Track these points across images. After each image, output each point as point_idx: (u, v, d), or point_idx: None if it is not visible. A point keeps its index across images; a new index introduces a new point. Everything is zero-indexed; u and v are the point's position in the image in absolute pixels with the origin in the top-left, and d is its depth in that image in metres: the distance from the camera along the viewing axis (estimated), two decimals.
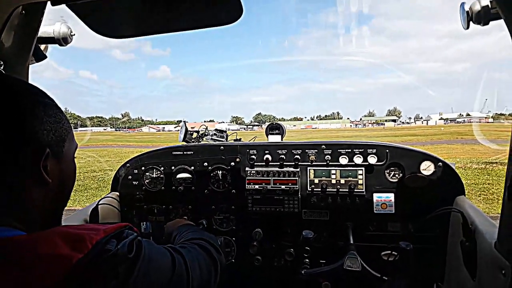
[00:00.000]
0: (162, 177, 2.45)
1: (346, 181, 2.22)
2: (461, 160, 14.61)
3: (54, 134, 0.87)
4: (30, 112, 0.83)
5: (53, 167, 0.87)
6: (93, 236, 0.78)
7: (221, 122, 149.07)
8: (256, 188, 2.30)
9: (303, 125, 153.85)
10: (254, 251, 2.23)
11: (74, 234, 0.77)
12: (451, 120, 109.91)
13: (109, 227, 0.84)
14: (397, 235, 2.12)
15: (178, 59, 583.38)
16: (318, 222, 2.26)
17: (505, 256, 1.17)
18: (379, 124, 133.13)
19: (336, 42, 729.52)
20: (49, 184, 0.86)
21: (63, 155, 0.91)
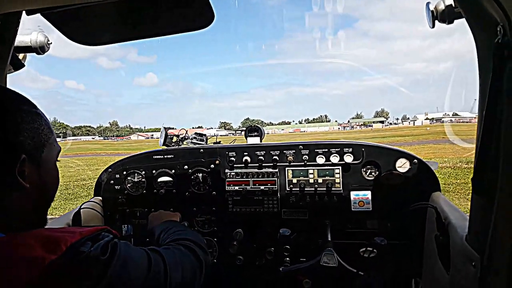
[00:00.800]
0: (144, 181, 2.46)
1: (323, 180, 2.26)
2: (450, 160, 14.81)
3: (32, 140, 0.87)
4: (7, 118, 0.84)
5: (31, 172, 0.87)
6: (68, 239, 0.79)
7: (209, 128, 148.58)
8: (236, 189, 2.34)
9: (291, 129, 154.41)
10: (235, 250, 2.25)
11: (49, 236, 0.79)
12: (436, 119, 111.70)
13: (86, 230, 0.85)
14: (375, 232, 2.17)
15: (165, 66, 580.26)
16: (297, 221, 2.30)
17: (475, 248, 1.20)
18: (367, 125, 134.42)
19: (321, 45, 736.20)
20: (27, 189, 0.86)
21: (42, 160, 0.91)
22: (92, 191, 2.56)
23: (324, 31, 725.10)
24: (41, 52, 1.55)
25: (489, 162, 1.07)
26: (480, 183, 1.11)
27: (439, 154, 17.76)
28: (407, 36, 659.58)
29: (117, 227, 2.45)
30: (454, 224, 1.51)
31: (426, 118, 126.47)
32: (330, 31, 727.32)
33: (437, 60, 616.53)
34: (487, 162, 1.07)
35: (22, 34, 1.48)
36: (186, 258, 1.21)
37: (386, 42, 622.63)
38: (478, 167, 1.10)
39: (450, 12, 1.31)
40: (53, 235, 0.80)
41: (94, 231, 0.87)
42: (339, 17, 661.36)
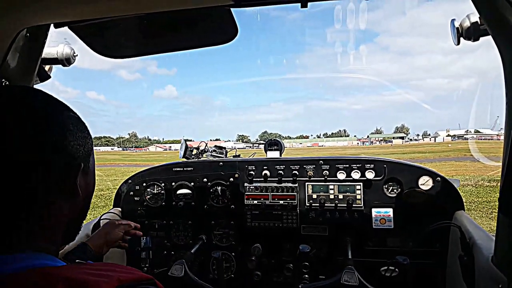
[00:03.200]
0: (163, 193, 2.48)
1: (344, 196, 2.23)
2: (471, 178, 14.38)
3: (84, 148, 0.86)
4: (64, 127, 0.82)
5: (81, 180, 0.86)
6: (103, 285, 0.67)
7: (227, 141, 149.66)
8: (255, 203, 2.32)
9: (309, 143, 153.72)
10: (253, 266, 2.22)
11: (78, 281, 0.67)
12: (458, 136, 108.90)
13: (126, 276, 0.74)
14: (396, 250, 2.11)
15: (184, 79, 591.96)
16: (317, 237, 2.26)
17: (501, 269, 1.16)
18: (386, 141, 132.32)
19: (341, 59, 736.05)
20: (79, 197, 0.84)
21: (89, 169, 0.90)
22: (110, 201, 2.60)
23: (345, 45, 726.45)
24: (67, 64, 1.58)
25: None
26: (508, 202, 1.08)
27: (461, 171, 17.26)
28: (428, 51, 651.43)
29: (135, 239, 2.46)
30: (479, 244, 1.47)
31: (447, 135, 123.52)
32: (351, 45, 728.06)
33: (460, 76, 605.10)
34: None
35: (49, 47, 1.52)
36: None
37: (407, 57, 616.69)
38: (505, 185, 1.07)
39: (475, 29, 1.30)
40: (86, 279, 0.67)
41: (136, 279, 0.76)
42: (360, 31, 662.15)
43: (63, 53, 1.55)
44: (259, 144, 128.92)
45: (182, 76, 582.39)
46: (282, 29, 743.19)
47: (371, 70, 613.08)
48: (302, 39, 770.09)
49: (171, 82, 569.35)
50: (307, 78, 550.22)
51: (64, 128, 0.81)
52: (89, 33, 1.39)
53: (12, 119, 0.75)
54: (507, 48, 1.08)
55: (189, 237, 2.45)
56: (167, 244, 2.47)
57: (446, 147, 51.53)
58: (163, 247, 2.47)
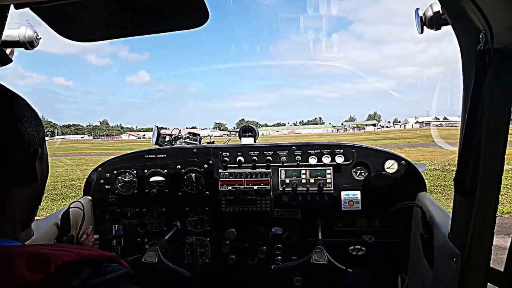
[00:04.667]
0: (135, 180, 2.47)
1: (315, 180, 2.31)
2: (439, 163, 15.03)
3: (39, 135, 0.88)
4: (20, 115, 0.83)
5: (39, 166, 0.87)
6: (62, 258, 0.69)
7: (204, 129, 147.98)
8: (229, 189, 2.36)
9: (286, 130, 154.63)
10: (228, 250, 2.28)
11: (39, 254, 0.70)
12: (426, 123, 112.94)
13: (88, 252, 0.76)
14: (364, 230, 2.22)
15: (157, 64, 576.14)
16: (289, 221, 2.34)
17: (456, 245, 1.26)
18: (359, 128, 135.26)
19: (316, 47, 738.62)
20: (37, 182, 0.86)
21: (44, 155, 0.92)
22: (81, 191, 2.55)
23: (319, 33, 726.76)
24: (30, 47, 1.52)
25: (471, 163, 1.12)
26: (462, 183, 1.16)
27: (428, 156, 17.99)
28: (400, 40, 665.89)
29: (107, 227, 2.46)
30: (438, 222, 1.57)
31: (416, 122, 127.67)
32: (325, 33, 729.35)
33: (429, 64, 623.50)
34: (468, 163, 1.12)
35: (10, 29, 1.45)
36: None
37: (380, 45, 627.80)
38: (460, 167, 1.15)
39: (437, 18, 1.36)
40: (46, 253, 0.70)
41: (98, 256, 0.77)
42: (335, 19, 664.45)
43: (25, 35, 1.48)
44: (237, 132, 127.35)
45: (155, 62, 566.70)
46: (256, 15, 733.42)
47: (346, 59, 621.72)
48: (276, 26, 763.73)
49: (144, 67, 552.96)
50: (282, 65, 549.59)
51: (19, 116, 0.83)
52: (52, 15, 1.33)
53: None
54: (465, 37, 1.15)
55: (163, 224, 2.47)
56: (140, 232, 2.47)
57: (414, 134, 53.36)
58: (136, 234, 2.47)
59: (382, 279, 2.15)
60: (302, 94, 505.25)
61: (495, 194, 1.11)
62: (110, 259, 0.78)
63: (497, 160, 1.08)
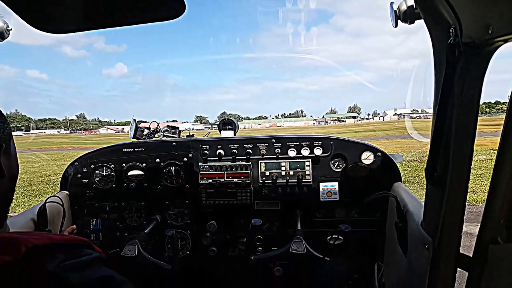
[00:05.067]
0: (113, 174, 2.43)
1: (294, 172, 2.34)
2: (417, 154, 15.48)
3: (3, 132, 0.89)
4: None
5: (5, 162, 0.88)
6: (33, 241, 0.71)
7: (184, 122, 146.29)
8: (210, 182, 2.36)
9: (268, 123, 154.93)
10: (208, 242, 2.28)
11: (9, 237, 0.73)
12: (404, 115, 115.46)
13: (59, 237, 0.78)
14: (341, 220, 2.27)
15: (135, 56, 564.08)
16: (269, 212, 2.37)
17: (428, 233, 1.31)
18: (340, 121, 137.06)
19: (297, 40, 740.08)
20: (4, 178, 0.86)
21: (10, 151, 0.92)
22: (58, 187, 2.49)
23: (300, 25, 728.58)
24: (0, 38, 1.47)
25: (441, 155, 1.16)
26: (433, 174, 1.21)
27: (407, 148, 18.46)
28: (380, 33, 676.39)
29: (85, 221, 2.42)
30: (412, 211, 1.62)
31: (394, 114, 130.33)
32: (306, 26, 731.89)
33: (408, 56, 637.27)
34: (439, 155, 1.17)
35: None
36: None
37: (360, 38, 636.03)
38: (431, 158, 1.20)
39: (411, 12, 1.39)
40: (17, 237, 0.73)
41: (69, 240, 0.79)
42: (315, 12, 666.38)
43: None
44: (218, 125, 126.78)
45: (133, 53, 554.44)
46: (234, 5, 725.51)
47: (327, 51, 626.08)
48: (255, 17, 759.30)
49: (121, 59, 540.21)
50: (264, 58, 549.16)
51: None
52: (23, 5, 1.29)
53: None
54: (436, 31, 1.18)
55: (143, 218, 2.45)
56: (119, 226, 2.44)
57: (393, 125, 54.53)
58: (116, 228, 2.44)
59: (359, 267, 2.22)
60: (284, 86, 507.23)
61: (465, 184, 1.16)
62: (82, 243, 0.79)
63: (466, 151, 1.12)
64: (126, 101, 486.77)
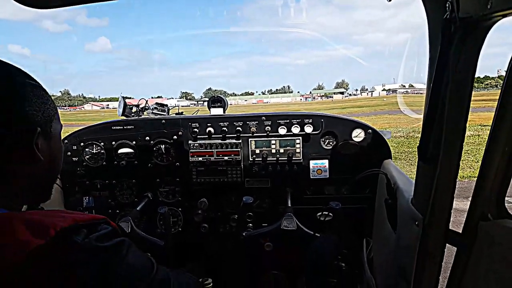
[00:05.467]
0: (103, 152, 2.41)
1: (285, 150, 2.35)
2: (404, 130, 15.68)
3: (42, 114, 0.89)
4: (20, 93, 0.85)
5: (43, 145, 0.89)
6: (58, 223, 0.76)
7: (170, 98, 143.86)
8: (200, 160, 2.36)
9: (254, 99, 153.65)
10: (200, 219, 2.31)
11: (38, 220, 0.76)
12: (393, 91, 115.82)
13: (81, 217, 0.82)
14: (331, 197, 2.31)
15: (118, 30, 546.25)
16: (260, 190, 2.39)
17: (418, 209, 1.34)
18: (327, 97, 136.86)
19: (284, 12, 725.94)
20: (41, 161, 0.87)
21: (51, 134, 0.93)
22: None
23: None
24: None
25: (434, 132, 1.18)
26: (425, 151, 1.23)
27: (394, 124, 18.68)
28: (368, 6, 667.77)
29: (77, 199, 2.41)
30: (402, 188, 1.64)
31: (383, 89, 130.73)
32: None
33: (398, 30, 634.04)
34: (432, 132, 1.18)
35: None
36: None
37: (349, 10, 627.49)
38: (424, 136, 1.21)
39: None
40: (42, 219, 0.77)
41: (90, 219, 0.84)
42: None
43: None
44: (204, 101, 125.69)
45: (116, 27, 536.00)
46: None
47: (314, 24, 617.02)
48: None
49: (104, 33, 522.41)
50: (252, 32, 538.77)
51: (21, 95, 0.85)
52: None
53: None
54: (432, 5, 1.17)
55: (134, 195, 2.45)
56: (111, 203, 2.44)
57: (381, 101, 54.85)
58: (108, 206, 2.45)
59: (349, 243, 2.29)
60: (271, 61, 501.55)
61: (457, 161, 1.18)
62: (101, 220, 0.86)
63: (459, 128, 1.14)
64: (110, 77, 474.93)
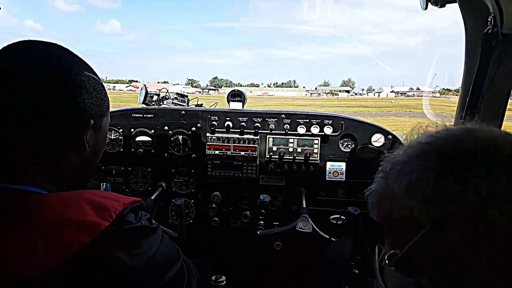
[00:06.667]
0: (121, 139, 2.41)
1: (302, 149, 2.34)
2: None
3: (98, 108, 0.94)
4: (84, 86, 0.89)
5: (91, 137, 0.94)
6: (116, 206, 0.84)
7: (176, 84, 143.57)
8: (216, 153, 2.35)
9: (259, 91, 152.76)
10: (214, 213, 2.32)
11: (99, 202, 0.83)
12: (401, 93, 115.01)
13: (126, 199, 0.89)
14: (346, 200, 2.31)
15: (130, 13, 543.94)
16: (274, 187, 2.39)
17: None
18: (333, 94, 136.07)
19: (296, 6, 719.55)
20: (86, 152, 0.93)
21: (100, 128, 0.99)
22: None
23: None
24: None
25: None
26: None
27: (400, 126, 18.66)
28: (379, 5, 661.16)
29: (94, 184, 2.41)
30: None
31: (392, 91, 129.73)
32: None
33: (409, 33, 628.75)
34: None
35: None
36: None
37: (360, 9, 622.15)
38: None
39: None
40: (102, 201, 0.83)
41: (132, 201, 0.90)
42: None
43: None
44: (210, 89, 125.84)
45: (128, 10, 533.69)
46: None
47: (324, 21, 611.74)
48: None
49: (115, 15, 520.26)
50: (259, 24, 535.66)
51: (80, 87, 0.88)
52: None
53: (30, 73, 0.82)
54: (472, 18, 1.15)
55: (148, 183, 2.45)
56: (125, 190, 2.45)
57: (389, 103, 54.60)
58: (122, 193, 2.45)
59: (362, 248, 2.29)
60: (279, 54, 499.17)
61: None
62: (138, 203, 0.94)
63: None
64: (117, 58, 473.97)
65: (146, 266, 0.86)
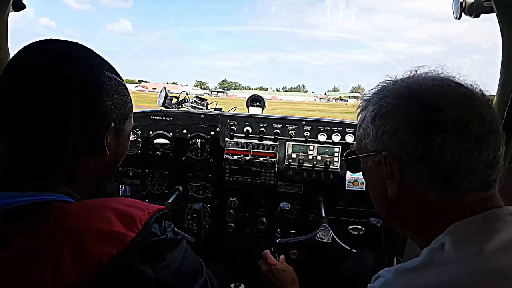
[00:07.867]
0: (139, 140, 2.39)
1: (322, 157, 2.30)
2: None
3: (119, 111, 0.91)
4: (105, 87, 0.86)
5: (111, 141, 0.91)
6: (141, 216, 0.80)
7: (184, 85, 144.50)
8: (235, 158, 2.33)
9: (268, 95, 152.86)
10: (231, 219, 2.29)
11: (125, 212, 0.80)
12: None
13: (151, 208, 0.86)
14: (365, 211, 2.26)
15: (141, 13, 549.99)
16: (292, 195, 2.35)
17: None
18: (342, 100, 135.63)
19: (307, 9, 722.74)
20: (106, 156, 0.89)
21: (122, 132, 0.95)
22: None
23: None
24: None
25: None
26: None
27: None
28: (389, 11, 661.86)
29: (113, 186, 2.40)
30: None
31: None
32: None
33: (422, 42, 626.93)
34: None
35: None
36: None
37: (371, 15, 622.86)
38: None
39: (478, 6, 1.33)
40: (127, 210, 0.81)
41: (157, 210, 0.87)
42: None
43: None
44: (218, 92, 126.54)
45: (139, 10, 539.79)
46: None
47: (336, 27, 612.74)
48: None
49: (126, 16, 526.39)
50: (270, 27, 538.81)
51: (101, 88, 0.85)
52: None
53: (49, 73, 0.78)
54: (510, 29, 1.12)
55: (165, 186, 2.44)
56: (142, 193, 2.43)
57: None
58: (141, 197, 2.44)
59: (381, 260, 2.24)
60: (288, 58, 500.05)
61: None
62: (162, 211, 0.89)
63: None
64: (126, 58, 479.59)
65: (171, 279, 0.84)
